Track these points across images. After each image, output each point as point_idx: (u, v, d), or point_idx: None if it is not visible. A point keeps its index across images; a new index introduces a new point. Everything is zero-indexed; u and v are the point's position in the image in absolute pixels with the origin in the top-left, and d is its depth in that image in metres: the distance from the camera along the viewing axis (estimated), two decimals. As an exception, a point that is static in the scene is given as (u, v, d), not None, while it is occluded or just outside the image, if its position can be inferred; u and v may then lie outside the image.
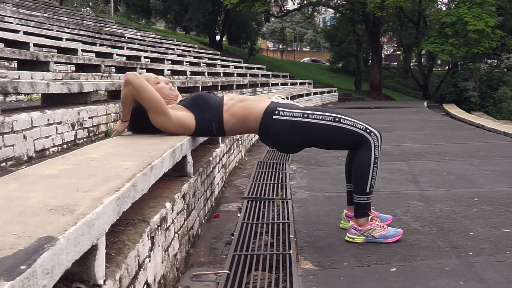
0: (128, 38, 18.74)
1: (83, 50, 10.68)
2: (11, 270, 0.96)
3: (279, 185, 4.60)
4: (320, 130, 2.87)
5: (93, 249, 1.38)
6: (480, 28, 21.40)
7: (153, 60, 13.61)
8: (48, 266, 1.08)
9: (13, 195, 1.51)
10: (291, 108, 2.94)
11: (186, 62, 15.86)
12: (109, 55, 11.35)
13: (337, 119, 2.88)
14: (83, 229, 1.28)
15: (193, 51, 22.26)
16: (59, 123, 4.20)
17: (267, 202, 4.01)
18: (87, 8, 41.81)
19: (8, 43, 8.18)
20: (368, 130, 2.90)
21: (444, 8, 31.14)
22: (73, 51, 10.05)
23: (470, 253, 2.78)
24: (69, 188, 1.61)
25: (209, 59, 20.59)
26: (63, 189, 1.60)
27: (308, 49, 70.43)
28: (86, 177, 1.77)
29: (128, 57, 12.64)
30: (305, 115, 2.89)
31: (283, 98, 3.08)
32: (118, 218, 1.60)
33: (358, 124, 2.90)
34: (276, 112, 2.92)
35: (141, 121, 2.95)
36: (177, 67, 13.10)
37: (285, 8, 35.35)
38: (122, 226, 1.91)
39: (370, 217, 2.98)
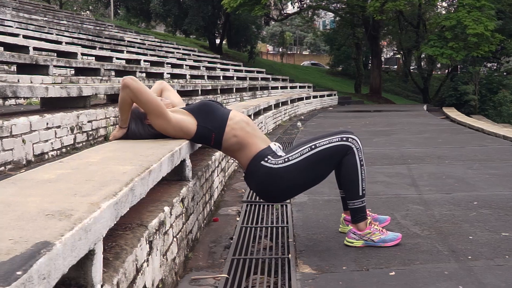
0: (128, 41, 18.77)
1: (82, 54, 10.69)
2: (7, 276, 0.96)
3: (278, 188, 4.59)
4: (305, 166, 2.88)
5: (90, 254, 1.38)
6: (479, 32, 21.44)
7: (153, 63, 13.62)
8: (45, 271, 1.07)
9: (11, 200, 1.51)
10: (278, 158, 2.93)
11: (186, 65, 15.88)
12: (108, 59, 11.36)
13: (313, 147, 2.88)
14: (80, 234, 1.27)
15: (193, 55, 22.29)
16: (58, 127, 4.20)
17: (266, 206, 4.01)
18: (87, 12, 41.88)
19: (8, 46, 8.18)
20: (344, 138, 2.89)
21: (443, 12, 31.23)
22: (73, 55, 10.05)
23: (469, 257, 2.78)
24: (66, 193, 1.60)
25: (209, 62, 20.61)
26: (60, 193, 1.60)
27: (308, 53, 70.57)
28: (84, 182, 1.77)
29: (128, 61, 12.66)
30: (286, 160, 2.89)
31: (280, 149, 3.06)
32: (116, 222, 1.60)
33: (333, 138, 2.89)
34: (266, 159, 2.92)
35: (138, 128, 2.96)
36: (176, 71, 13.12)
37: (284, 11, 35.39)
38: (120, 230, 1.90)
39: (368, 221, 2.98)
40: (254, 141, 2.97)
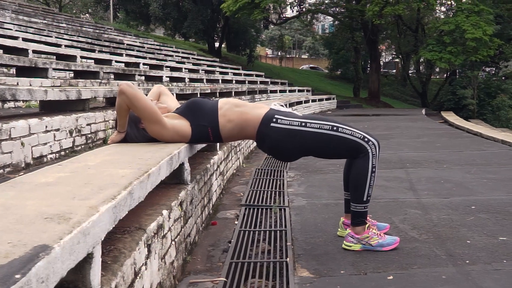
0: (127, 44, 18.78)
1: (82, 57, 10.70)
2: (5, 279, 0.96)
3: (277, 192, 4.60)
4: (318, 139, 2.87)
5: (88, 258, 1.38)
6: (478, 37, 21.49)
7: (152, 66, 13.62)
8: (43, 275, 1.08)
9: (9, 203, 1.51)
10: (289, 116, 2.93)
11: (185, 69, 15.88)
12: (108, 62, 11.36)
13: (334, 128, 2.87)
14: (79, 238, 1.28)
15: (192, 58, 22.30)
16: (57, 130, 4.20)
17: (264, 209, 4.01)
18: (87, 15, 41.90)
19: (7, 49, 8.19)
20: (366, 139, 2.89)
21: (442, 16, 31.32)
22: (72, 58, 10.06)
23: (467, 261, 2.78)
24: (65, 196, 1.61)
25: (208, 66, 20.62)
26: (59, 197, 1.60)
27: (306, 56, 70.66)
28: (83, 185, 1.78)
29: (127, 64, 12.66)
30: (303, 123, 2.88)
31: (282, 105, 3.07)
32: (114, 226, 1.60)
33: (356, 132, 2.89)
34: (274, 119, 2.91)
35: (133, 132, 2.97)
36: (175, 74, 13.12)
37: (284, 15, 35.45)
38: (118, 233, 1.91)
39: (367, 225, 2.98)
40: (250, 114, 2.96)
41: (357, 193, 2.94)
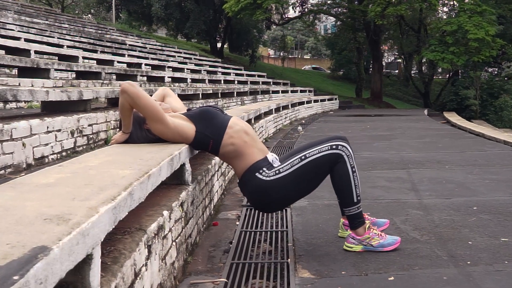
0: (129, 45, 18.80)
1: (84, 57, 10.71)
2: (3, 281, 0.96)
3: (278, 193, 4.58)
4: (296, 177, 2.87)
5: (88, 259, 1.38)
6: (480, 37, 21.47)
7: (154, 67, 13.64)
8: (42, 276, 1.07)
9: (9, 204, 1.51)
10: (273, 169, 2.93)
11: (187, 69, 15.89)
12: (110, 62, 11.38)
13: (303, 157, 2.87)
14: (78, 239, 1.27)
15: (194, 59, 22.32)
16: (59, 130, 4.21)
17: (266, 210, 4.00)
18: (89, 15, 41.96)
19: (9, 50, 8.20)
20: (334, 146, 2.88)
21: (444, 17, 31.27)
22: (74, 58, 10.07)
23: (468, 262, 2.78)
24: (65, 197, 1.61)
25: (210, 66, 20.64)
26: (59, 198, 1.60)
27: (309, 57, 70.65)
28: (83, 186, 1.77)
29: (129, 64, 12.68)
30: (276, 172, 2.88)
31: (276, 159, 3.05)
32: (114, 226, 1.60)
33: (322, 147, 2.88)
34: (261, 171, 2.91)
35: (136, 133, 2.97)
36: (178, 75, 13.13)
37: (286, 16, 35.45)
38: (118, 234, 1.91)
39: (367, 225, 2.98)
40: (251, 151, 2.95)
41: (346, 197, 2.94)
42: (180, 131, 2.93)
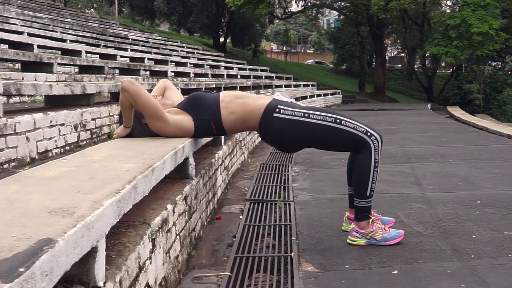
0: (132, 39, 18.77)
1: (87, 52, 10.71)
2: (9, 272, 0.96)
3: (282, 187, 4.60)
4: (321, 130, 2.85)
5: (93, 251, 1.39)
6: (484, 31, 21.39)
7: (157, 61, 13.61)
8: (47, 268, 1.08)
9: (14, 197, 1.52)
10: (293, 107, 2.91)
11: (190, 63, 15.87)
12: (113, 57, 11.36)
13: (337, 121, 2.86)
14: (83, 232, 1.28)
15: (197, 53, 22.29)
16: (62, 124, 4.21)
17: (269, 204, 4.01)
18: (92, 10, 41.92)
19: (12, 44, 8.20)
20: (368, 133, 2.88)
21: (448, 11, 31.15)
22: (77, 53, 10.07)
23: (472, 255, 2.78)
24: (69, 190, 1.61)
25: (213, 60, 20.60)
26: (63, 191, 1.60)
27: (312, 51, 70.47)
28: (87, 179, 1.78)
29: (132, 59, 12.66)
30: (306, 114, 2.87)
31: (285, 96, 3.06)
32: (118, 220, 1.60)
33: (359, 126, 2.88)
34: (277, 110, 2.90)
35: (137, 127, 2.97)
36: (180, 69, 13.11)
37: (289, 10, 35.36)
38: (123, 228, 1.91)
39: (371, 219, 2.98)
40: (253, 106, 2.95)
41: (360, 188, 2.93)
42: (181, 125, 2.93)
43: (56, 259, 1.12)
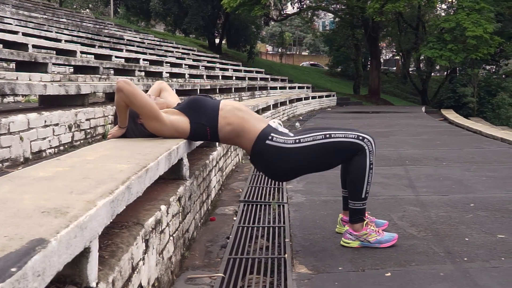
0: (127, 40, 18.75)
1: (81, 52, 10.68)
2: (1, 273, 0.96)
3: (276, 188, 4.60)
4: (313, 151, 2.86)
5: (85, 252, 1.38)
6: (478, 34, 21.46)
7: (152, 62, 13.61)
8: (39, 268, 1.07)
9: (7, 197, 1.51)
10: (285, 136, 2.92)
11: (185, 65, 15.87)
12: (108, 57, 11.35)
13: (327, 135, 2.87)
14: (76, 232, 1.27)
15: (192, 54, 22.29)
16: (56, 124, 4.20)
17: (263, 205, 4.01)
18: (87, 10, 41.82)
19: (7, 44, 8.17)
20: (360, 137, 2.89)
21: (443, 14, 31.26)
22: (72, 53, 10.04)
23: (465, 258, 2.79)
24: (63, 190, 1.60)
25: (208, 62, 20.60)
26: (57, 191, 1.60)
27: (307, 53, 70.59)
28: (81, 179, 1.77)
29: (127, 59, 12.65)
30: (297, 141, 2.88)
31: (280, 124, 3.05)
32: (112, 220, 1.60)
33: (349, 134, 2.88)
34: (270, 137, 2.90)
35: (131, 127, 2.97)
36: (175, 70, 13.10)
37: (284, 12, 35.41)
38: (116, 228, 1.91)
39: (365, 222, 2.98)
40: (251, 124, 2.95)
41: (356, 190, 2.94)
42: (176, 126, 2.93)
43: (48, 259, 1.12)
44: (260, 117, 3.08)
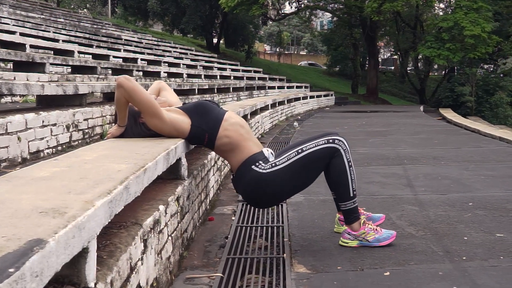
0: (125, 40, 18.73)
1: (79, 52, 10.67)
2: (-1, 273, 0.96)
3: (274, 188, 4.59)
4: (292, 170, 2.87)
5: (84, 252, 1.38)
6: (476, 33, 21.48)
7: (150, 62, 13.60)
8: (37, 269, 1.07)
9: (4, 197, 1.51)
10: (268, 163, 2.92)
11: (183, 64, 15.86)
12: (105, 57, 11.34)
13: (299, 150, 2.88)
14: (74, 232, 1.27)
15: (190, 54, 22.27)
16: (54, 124, 4.19)
17: (261, 205, 4.00)
18: (85, 10, 41.78)
19: (4, 44, 8.16)
20: (331, 140, 2.89)
21: (441, 13, 31.28)
22: (70, 53, 10.03)
23: (464, 257, 2.79)
24: (61, 191, 1.60)
25: (206, 61, 20.59)
26: (54, 191, 1.59)
27: (305, 53, 70.61)
28: (79, 180, 1.77)
29: (125, 59, 12.64)
30: (273, 164, 2.89)
31: (272, 154, 3.04)
32: (110, 220, 1.59)
33: (320, 141, 2.89)
34: (257, 164, 2.91)
35: (132, 127, 2.96)
36: (173, 70, 13.10)
37: (282, 11, 35.37)
38: (114, 228, 1.90)
39: (362, 220, 2.98)
40: (247, 144, 2.96)
41: (343, 191, 2.94)
42: (176, 125, 2.93)
43: (46, 259, 1.11)
44: (257, 141, 3.08)
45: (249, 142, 2.98)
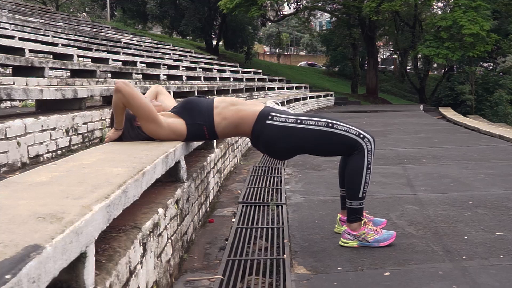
0: (124, 43, 18.74)
1: (78, 56, 10.66)
2: (-4, 279, 0.96)
3: (274, 189, 4.60)
4: (313, 136, 2.86)
5: (82, 257, 1.38)
6: (475, 32, 21.49)
7: (149, 65, 13.60)
8: (34, 274, 1.07)
9: (2, 203, 1.51)
10: (285, 114, 2.92)
11: (182, 67, 15.86)
12: (105, 61, 11.33)
13: (330, 125, 2.86)
14: (71, 237, 1.27)
15: (189, 56, 22.26)
16: (53, 129, 4.19)
17: (262, 206, 4.00)
18: (84, 14, 41.79)
19: (3, 49, 8.15)
20: (361, 136, 2.89)
21: (439, 12, 31.29)
22: (69, 57, 10.02)
23: (464, 257, 2.79)
24: (58, 196, 1.60)
25: (205, 63, 20.59)
26: (52, 196, 1.59)
27: (304, 53, 70.64)
28: (77, 184, 1.77)
29: (124, 62, 12.63)
30: (298, 121, 2.87)
31: (278, 103, 3.06)
32: (108, 225, 1.60)
33: (351, 129, 2.89)
34: (270, 117, 2.90)
35: (128, 131, 2.96)
36: (173, 72, 13.09)
37: (281, 12, 35.37)
38: (113, 232, 1.90)
39: (363, 221, 2.98)
40: (246, 112, 2.95)
41: (353, 190, 2.94)
42: (173, 128, 2.93)
43: (43, 265, 1.11)
44: (255, 102, 3.09)
45: (246, 109, 2.97)
